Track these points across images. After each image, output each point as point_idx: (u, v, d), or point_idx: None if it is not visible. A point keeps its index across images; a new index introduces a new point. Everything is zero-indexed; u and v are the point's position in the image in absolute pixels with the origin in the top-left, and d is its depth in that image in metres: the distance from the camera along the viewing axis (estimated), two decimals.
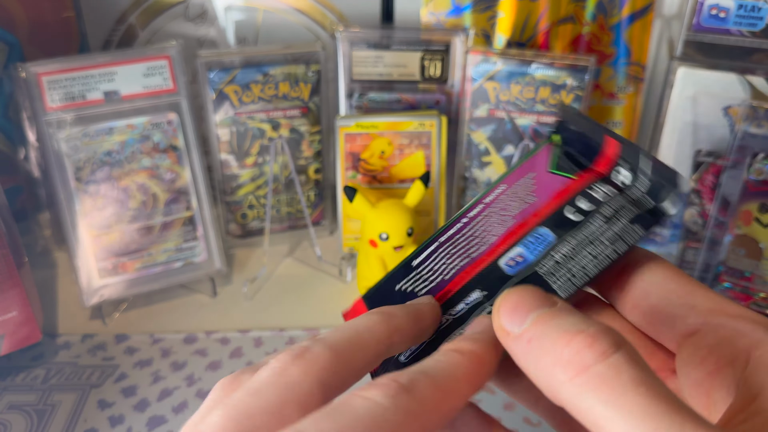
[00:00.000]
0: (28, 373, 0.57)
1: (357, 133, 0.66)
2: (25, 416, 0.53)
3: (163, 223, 0.64)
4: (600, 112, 0.70)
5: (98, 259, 0.62)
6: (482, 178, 0.71)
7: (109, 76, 0.60)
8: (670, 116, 0.64)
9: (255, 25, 0.74)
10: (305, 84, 0.68)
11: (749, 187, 0.59)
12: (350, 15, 0.74)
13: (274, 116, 0.69)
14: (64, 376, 0.57)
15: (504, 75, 0.66)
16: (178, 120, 0.63)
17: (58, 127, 0.59)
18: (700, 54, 0.64)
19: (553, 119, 0.24)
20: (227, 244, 0.72)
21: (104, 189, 0.61)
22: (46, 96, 0.58)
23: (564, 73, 0.64)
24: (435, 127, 0.66)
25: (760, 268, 0.60)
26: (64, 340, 0.61)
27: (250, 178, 0.71)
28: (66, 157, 0.60)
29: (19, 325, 0.55)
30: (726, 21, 0.61)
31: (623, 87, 0.69)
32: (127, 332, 0.62)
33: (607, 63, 0.68)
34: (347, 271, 0.68)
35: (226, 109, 0.67)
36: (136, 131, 0.62)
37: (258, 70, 0.66)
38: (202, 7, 0.73)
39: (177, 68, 0.62)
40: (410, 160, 0.67)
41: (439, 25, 0.70)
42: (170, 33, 0.73)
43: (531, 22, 0.67)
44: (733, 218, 0.60)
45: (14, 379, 0.56)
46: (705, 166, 0.63)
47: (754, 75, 0.60)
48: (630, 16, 0.66)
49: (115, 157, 0.61)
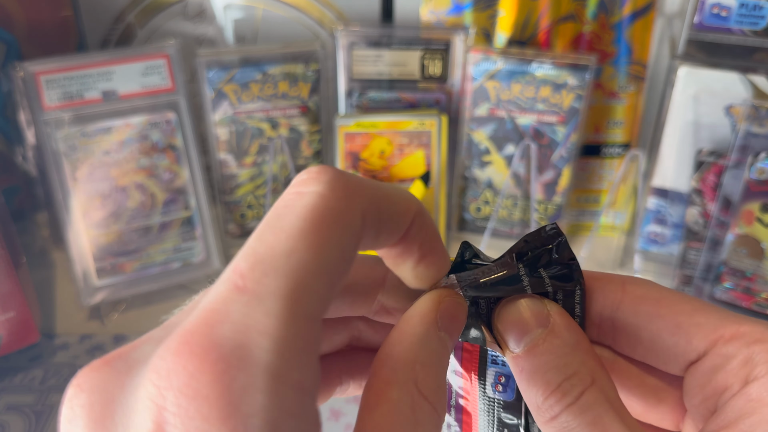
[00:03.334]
0: (26, 373, 0.57)
1: (357, 133, 0.66)
2: (23, 417, 0.53)
3: (161, 223, 0.64)
4: (601, 111, 0.70)
5: (96, 259, 0.62)
6: (483, 177, 0.71)
7: (107, 75, 0.60)
8: (672, 115, 0.64)
9: (254, 24, 0.73)
10: (304, 83, 0.68)
11: (751, 186, 0.59)
12: (350, 13, 0.73)
13: (273, 115, 0.68)
14: (62, 377, 0.56)
15: (504, 74, 0.65)
16: (177, 119, 0.63)
17: (56, 126, 0.59)
18: (702, 53, 0.63)
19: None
20: (226, 244, 0.72)
21: (102, 188, 0.61)
22: (43, 95, 0.58)
23: (565, 72, 0.64)
24: (435, 127, 0.66)
25: (762, 268, 0.60)
26: (62, 341, 0.60)
27: (249, 178, 0.70)
28: (64, 157, 0.59)
29: (16, 325, 0.55)
30: (728, 20, 0.61)
31: (624, 86, 0.69)
32: (126, 333, 0.61)
33: (608, 62, 0.68)
34: None
35: (225, 108, 0.67)
36: (135, 130, 0.61)
37: (257, 69, 0.66)
38: (200, 6, 0.72)
39: (175, 67, 0.62)
40: (410, 160, 0.67)
41: (439, 24, 0.70)
42: (169, 32, 0.73)
43: (532, 21, 0.67)
44: (734, 218, 0.60)
45: (12, 379, 0.56)
46: (706, 165, 0.63)
47: (755, 74, 0.60)
48: (631, 14, 0.66)
49: (113, 157, 0.61)
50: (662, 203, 0.67)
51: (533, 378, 0.20)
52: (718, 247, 0.61)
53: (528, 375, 0.20)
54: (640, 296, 0.21)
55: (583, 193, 0.74)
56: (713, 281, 0.62)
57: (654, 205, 0.68)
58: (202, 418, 0.13)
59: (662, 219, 0.68)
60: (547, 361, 0.20)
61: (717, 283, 0.62)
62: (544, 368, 0.20)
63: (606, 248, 0.72)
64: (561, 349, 0.20)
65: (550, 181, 0.69)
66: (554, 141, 0.67)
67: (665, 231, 0.68)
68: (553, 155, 0.68)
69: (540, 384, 0.20)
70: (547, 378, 0.20)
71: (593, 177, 0.73)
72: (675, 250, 0.67)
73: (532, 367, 0.20)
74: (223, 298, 0.15)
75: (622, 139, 0.71)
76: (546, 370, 0.20)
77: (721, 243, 0.61)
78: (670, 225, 0.67)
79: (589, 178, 0.73)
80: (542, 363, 0.20)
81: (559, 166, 0.68)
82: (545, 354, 0.20)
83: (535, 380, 0.20)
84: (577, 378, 0.20)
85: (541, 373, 0.20)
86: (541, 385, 0.20)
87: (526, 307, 0.21)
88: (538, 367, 0.20)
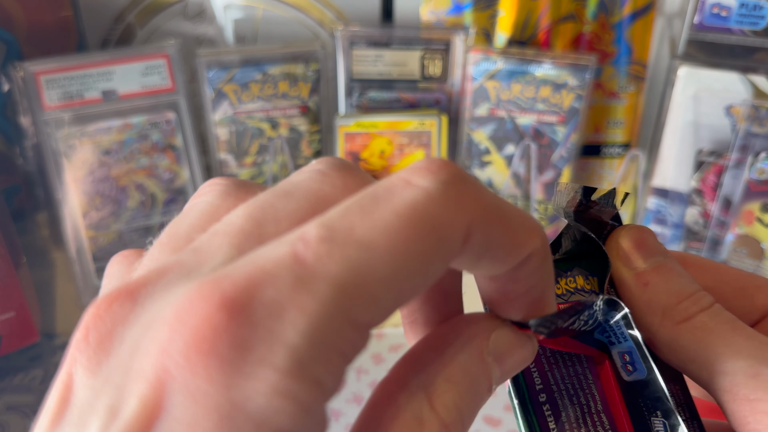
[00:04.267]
0: (26, 374, 0.57)
1: (356, 133, 0.66)
2: (23, 417, 0.53)
3: (161, 223, 0.64)
4: (601, 111, 0.70)
5: (96, 259, 0.62)
6: (483, 177, 0.71)
7: (107, 75, 0.60)
8: (672, 115, 0.64)
9: (254, 24, 0.73)
10: (304, 83, 0.68)
11: (751, 186, 0.58)
12: (350, 13, 0.73)
13: (273, 115, 0.68)
14: None
15: (504, 74, 0.65)
16: (177, 119, 0.63)
17: (56, 126, 0.59)
18: (702, 53, 0.63)
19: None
20: None
21: (102, 188, 0.61)
22: (43, 95, 0.58)
23: (565, 72, 0.64)
24: (435, 127, 0.66)
25: (762, 268, 0.60)
26: (62, 341, 0.60)
27: (249, 178, 0.70)
28: (64, 157, 0.59)
29: (16, 325, 0.55)
30: (728, 20, 0.61)
31: (624, 86, 0.69)
32: None
33: (608, 62, 0.68)
34: None
35: (225, 108, 0.67)
36: (134, 130, 0.61)
37: (257, 69, 0.66)
38: (200, 6, 0.72)
39: (175, 67, 0.62)
40: (410, 160, 0.67)
41: (439, 24, 0.70)
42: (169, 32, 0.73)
43: (532, 21, 0.67)
44: (734, 218, 0.60)
45: (12, 380, 0.56)
46: (706, 165, 0.63)
47: (756, 74, 0.60)
48: (631, 14, 0.66)
49: (113, 157, 0.61)
50: (662, 203, 0.67)
51: (663, 290, 0.21)
52: (718, 247, 0.61)
53: (656, 288, 0.21)
54: (701, 265, 0.23)
55: None
56: None
57: (654, 205, 0.68)
58: (207, 377, 0.12)
59: (662, 219, 0.68)
60: (676, 277, 0.21)
61: None
62: (674, 281, 0.21)
63: None
64: (683, 271, 0.22)
65: (550, 181, 0.69)
66: (554, 141, 0.67)
67: (665, 231, 0.68)
68: (553, 155, 0.68)
69: (672, 293, 0.21)
70: (678, 288, 0.21)
71: (593, 177, 0.73)
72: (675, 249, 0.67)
73: (661, 280, 0.21)
74: (277, 261, 0.13)
75: (622, 139, 0.71)
76: (676, 282, 0.21)
77: (721, 243, 0.61)
78: (670, 225, 0.67)
79: (589, 178, 0.73)
80: (672, 278, 0.21)
81: (559, 166, 0.68)
82: (672, 272, 0.21)
83: (667, 290, 0.21)
84: (703, 293, 0.21)
85: (672, 284, 0.21)
86: (674, 294, 0.21)
87: (648, 233, 0.22)
88: (668, 280, 0.21)
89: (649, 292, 0.21)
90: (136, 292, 0.14)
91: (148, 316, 0.14)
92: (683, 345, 0.20)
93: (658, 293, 0.21)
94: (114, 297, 0.15)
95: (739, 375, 0.19)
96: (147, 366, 0.13)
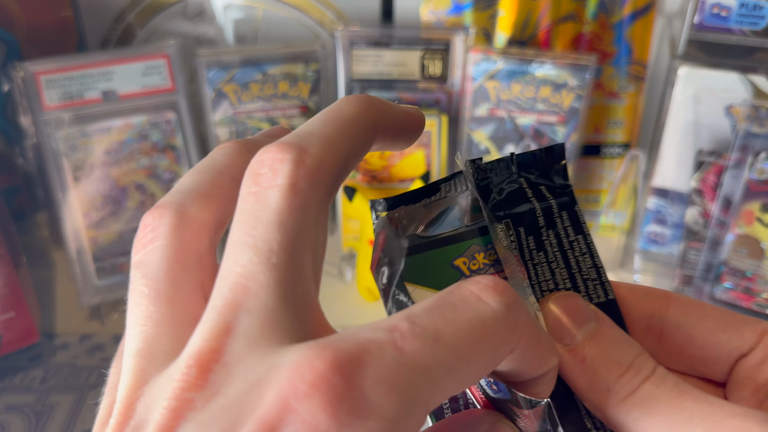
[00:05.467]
0: (26, 374, 0.57)
1: None
2: (23, 417, 0.53)
3: None
4: (601, 111, 0.70)
5: (96, 259, 0.62)
6: None
7: (107, 75, 0.60)
8: (672, 115, 0.64)
9: (254, 24, 0.73)
10: (304, 83, 0.68)
11: (751, 186, 0.59)
12: (350, 13, 0.73)
13: (273, 115, 0.68)
14: (62, 377, 0.56)
15: (504, 74, 0.65)
16: (177, 119, 0.63)
17: (56, 126, 0.59)
18: (702, 53, 0.63)
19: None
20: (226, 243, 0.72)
21: (102, 188, 0.61)
22: (44, 95, 0.58)
23: (565, 72, 0.64)
24: (435, 127, 0.66)
25: (762, 268, 0.60)
26: (62, 341, 0.60)
27: None
28: (64, 157, 0.59)
29: (16, 325, 0.55)
30: (728, 20, 0.61)
31: (624, 86, 0.69)
32: None
33: (608, 62, 0.68)
34: (347, 271, 0.68)
35: (225, 108, 0.67)
36: (134, 130, 0.61)
37: (257, 69, 0.66)
38: (200, 6, 0.72)
39: (175, 67, 0.62)
40: (410, 160, 0.67)
41: (439, 24, 0.70)
42: (169, 32, 0.73)
43: (532, 21, 0.67)
44: (734, 218, 0.60)
45: (12, 380, 0.56)
46: (706, 165, 0.63)
47: (755, 74, 0.60)
48: (631, 14, 0.66)
49: (113, 157, 0.61)
50: (662, 203, 0.67)
51: (602, 363, 0.21)
52: (718, 247, 0.61)
53: (594, 362, 0.21)
54: (686, 302, 0.23)
55: (583, 193, 0.74)
56: (713, 281, 0.62)
57: (654, 205, 0.68)
58: (327, 414, 0.14)
59: (662, 219, 0.68)
60: (612, 344, 0.21)
61: (717, 283, 0.62)
62: (611, 350, 0.21)
63: (606, 248, 0.72)
64: (619, 334, 0.21)
65: None
66: (554, 141, 0.67)
67: (665, 231, 0.68)
68: None
69: (612, 366, 0.21)
70: (618, 358, 0.21)
71: (593, 177, 0.73)
72: (675, 250, 0.67)
73: (598, 352, 0.21)
74: (380, 345, 0.15)
75: (622, 139, 0.71)
76: (614, 351, 0.21)
77: (721, 243, 0.61)
78: (670, 225, 0.67)
79: (589, 178, 0.73)
80: (608, 346, 0.21)
81: None
82: (607, 338, 0.21)
83: (606, 363, 0.21)
84: (645, 356, 0.21)
85: (610, 355, 0.21)
86: (614, 366, 0.21)
87: (578, 299, 0.22)
88: (605, 350, 0.21)
89: (589, 369, 0.21)
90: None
91: (244, 378, 0.15)
92: (635, 419, 0.20)
93: (597, 369, 0.21)
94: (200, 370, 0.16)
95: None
96: (267, 399, 0.14)
